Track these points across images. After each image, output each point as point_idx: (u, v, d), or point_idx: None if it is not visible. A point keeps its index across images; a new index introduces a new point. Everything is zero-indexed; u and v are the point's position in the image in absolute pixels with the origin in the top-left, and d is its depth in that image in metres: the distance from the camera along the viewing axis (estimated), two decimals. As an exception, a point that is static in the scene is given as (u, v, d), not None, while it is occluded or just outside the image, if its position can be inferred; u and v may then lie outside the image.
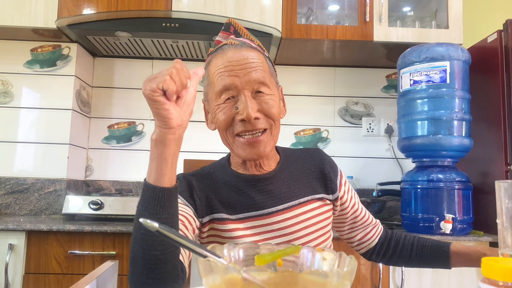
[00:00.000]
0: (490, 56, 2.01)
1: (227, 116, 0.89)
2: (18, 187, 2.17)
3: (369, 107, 2.53)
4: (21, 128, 2.22)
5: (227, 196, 0.94)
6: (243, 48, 0.91)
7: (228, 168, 0.98)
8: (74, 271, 1.73)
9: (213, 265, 0.46)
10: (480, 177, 2.04)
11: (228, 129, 0.90)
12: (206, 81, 0.96)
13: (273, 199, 0.94)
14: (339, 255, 0.52)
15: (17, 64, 2.25)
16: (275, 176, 0.96)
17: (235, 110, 0.88)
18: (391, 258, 1.13)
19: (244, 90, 0.88)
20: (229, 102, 0.89)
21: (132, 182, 2.41)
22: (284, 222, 0.93)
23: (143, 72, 2.50)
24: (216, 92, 0.90)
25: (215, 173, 0.98)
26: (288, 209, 0.94)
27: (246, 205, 0.93)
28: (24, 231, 1.71)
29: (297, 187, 0.97)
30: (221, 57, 0.91)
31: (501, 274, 0.48)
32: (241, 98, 0.88)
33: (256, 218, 0.92)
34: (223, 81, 0.88)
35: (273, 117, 0.90)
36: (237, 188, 0.95)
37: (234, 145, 0.91)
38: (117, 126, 2.46)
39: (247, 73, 0.88)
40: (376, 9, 2.15)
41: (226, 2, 2.05)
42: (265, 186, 0.95)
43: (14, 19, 2.06)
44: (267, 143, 0.90)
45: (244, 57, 0.89)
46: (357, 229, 1.12)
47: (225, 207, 0.93)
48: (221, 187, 0.95)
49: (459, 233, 1.82)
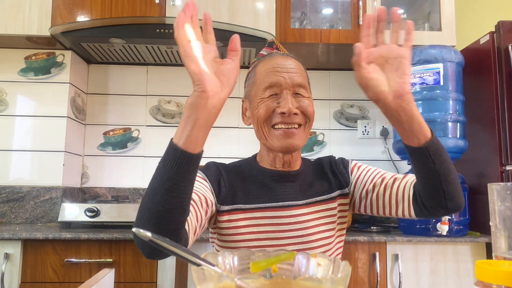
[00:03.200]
0: (483, 58, 2.02)
1: (269, 108, 0.99)
2: (13, 196, 2.16)
3: (364, 109, 2.54)
4: (16, 136, 2.21)
5: (251, 188, 1.03)
6: (289, 57, 1.06)
7: (255, 164, 1.08)
8: (71, 279, 1.72)
9: (207, 274, 0.46)
10: (476, 178, 2.04)
11: (267, 120, 0.99)
12: (250, 81, 1.06)
13: (294, 194, 1.02)
14: (333, 261, 0.52)
15: (11, 72, 2.25)
16: (299, 174, 1.06)
17: (276, 104, 0.99)
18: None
19: (287, 90, 0.99)
20: (272, 98, 0.99)
21: (128, 188, 2.40)
22: (300, 216, 1.00)
23: (137, 78, 2.50)
24: (262, 88, 1.00)
25: (242, 167, 1.08)
26: (306, 205, 1.02)
27: (267, 196, 1.01)
28: (20, 240, 1.71)
29: (314, 188, 1.05)
30: (269, 60, 1.04)
31: (495, 277, 0.49)
32: (283, 95, 0.99)
33: (275, 209, 1.00)
34: (270, 78, 1.00)
35: (309, 116, 1.01)
36: (261, 182, 1.04)
37: (270, 136, 1.00)
38: (113, 132, 2.46)
39: (291, 76, 1.00)
40: (369, 12, 2.16)
41: (220, 7, 2.06)
42: (288, 182, 1.04)
43: (7, 27, 2.06)
44: (300, 137, 1.00)
45: (289, 63, 1.03)
46: (386, 192, 1.00)
47: (247, 197, 1.01)
48: (247, 180, 1.04)
49: (455, 235, 1.83)
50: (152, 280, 1.74)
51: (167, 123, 2.48)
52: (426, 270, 1.81)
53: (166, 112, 2.48)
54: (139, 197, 2.39)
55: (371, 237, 1.79)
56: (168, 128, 2.47)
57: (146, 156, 2.45)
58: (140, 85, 2.50)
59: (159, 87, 2.50)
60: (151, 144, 2.46)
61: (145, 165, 2.44)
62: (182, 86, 2.50)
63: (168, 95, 2.49)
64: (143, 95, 2.49)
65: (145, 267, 1.74)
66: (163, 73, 2.51)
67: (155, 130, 2.47)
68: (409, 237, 1.81)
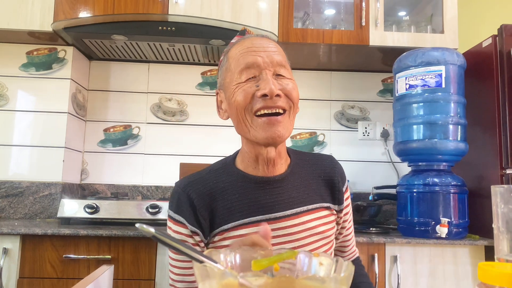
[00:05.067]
0: (485, 61, 2.02)
1: (247, 93, 0.86)
2: (12, 191, 2.16)
3: (365, 111, 2.54)
4: (16, 131, 2.21)
5: (232, 200, 0.90)
6: (265, 37, 0.93)
7: (234, 168, 0.95)
8: (69, 275, 1.72)
9: (210, 271, 0.46)
10: (476, 181, 2.04)
11: (246, 107, 0.86)
12: (223, 68, 0.94)
13: (281, 204, 0.91)
14: (336, 260, 0.52)
15: (12, 67, 2.24)
16: (285, 179, 0.93)
17: (255, 88, 0.86)
18: None
19: (266, 70, 0.87)
20: (250, 81, 0.87)
21: (128, 185, 2.40)
22: (290, 228, 0.90)
23: (139, 75, 2.50)
24: (238, 71, 0.88)
25: (218, 172, 0.94)
26: (296, 215, 0.91)
27: (252, 209, 0.90)
28: (19, 235, 1.70)
29: (306, 193, 0.95)
30: (243, 42, 0.91)
31: (497, 279, 0.48)
32: (263, 76, 0.86)
33: (262, 222, 0.87)
34: (245, 59, 0.87)
35: (293, 99, 0.89)
36: (243, 190, 0.91)
37: (253, 126, 0.87)
38: (113, 129, 2.46)
39: (269, 54, 0.88)
40: (372, 14, 2.16)
41: (223, 6, 2.05)
42: (274, 189, 0.92)
43: (10, 22, 2.06)
44: (285, 126, 0.87)
45: (266, 42, 0.91)
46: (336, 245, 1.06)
47: (229, 214, 0.90)
48: (226, 190, 0.91)
49: (454, 237, 1.83)
50: (151, 277, 1.74)
51: (168, 121, 2.48)
52: (424, 272, 1.81)
53: (167, 109, 2.48)
54: (139, 194, 2.39)
55: (370, 238, 1.79)
56: (168, 125, 2.47)
57: (146, 153, 2.45)
58: (141, 82, 2.50)
59: (160, 85, 2.50)
60: (151, 142, 2.46)
61: (145, 162, 2.44)
62: (183, 84, 2.49)
63: (169, 92, 2.49)
64: (144, 92, 2.49)
65: (144, 264, 1.74)
66: (165, 71, 2.50)
67: (155, 128, 2.47)
68: (408, 239, 1.80)
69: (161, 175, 2.43)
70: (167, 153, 2.45)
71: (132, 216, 1.91)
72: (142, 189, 2.40)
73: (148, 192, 2.40)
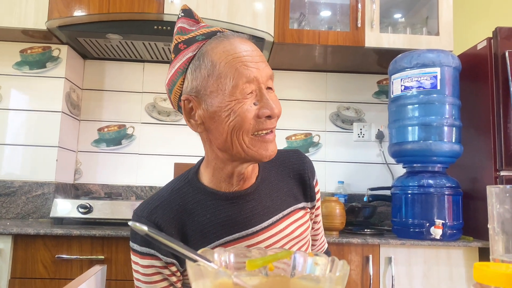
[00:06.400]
0: (480, 63, 2.03)
1: (251, 113, 0.77)
2: (5, 190, 2.14)
3: (360, 112, 2.54)
4: (9, 130, 2.19)
5: (203, 222, 0.82)
6: (245, 39, 0.82)
7: (200, 184, 0.86)
8: (61, 275, 1.70)
9: (203, 270, 0.45)
10: (470, 183, 2.05)
11: (247, 127, 0.77)
12: (202, 71, 0.79)
13: (256, 216, 0.85)
14: (331, 260, 0.51)
15: (6, 65, 2.22)
16: (257, 189, 0.87)
17: (255, 106, 0.78)
18: None
19: (262, 85, 0.79)
20: (248, 97, 0.77)
21: (122, 185, 2.38)
22: (270, 239, 0.85)
23: (134, 75, 2.48)
24: (233, 85, 0.76)
25: (182, 192, 0.86)
26: (273, 225, 0.86)
27: (227, 227, 0.83)
28: (11, 235, 1.68)
29: (280, 197, 0.90)
30: (229, 44, 0.79)
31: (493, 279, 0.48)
32: (263, 93, 0.78)
33: (239, 240, 0.83)
34: (246, 72, 0.76)
35: (279, 116, 0.82)
36: (214, 209, 0.83)
37: (251, 146, 0.78)
38: (107, 129, 2.44)
39: (264, 66, 0.80)
40: (368, 15, 2.17)
41: (219, 6, 2.05)
42: (247, 203, 0.85)
43: (3, 20, 2.04)
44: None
45: (254, 48, 0.81)
46: None
47: (203, 238, 0.82)
48: (194, 212, 0.83)
49: (449, 239, 1.83)
50: (144, 278, 1.72)
51: (163, 121, 2.46)
52: (419, 274, 1.82)
53: (161, 109, 2.47)
54: (132, 194, 2.38)
55: (365, 240, 1.79)
56: (163, 126, 2.46)
57: (140, 153, 2.43)
58: (136, 82, 2.48)
59: (155, 85, 2.49)
60: (145, 142, 2.45)
61: (139, 162, 2.42)
62: (178, 84, 2.48)
63: (164, 92, 2.47)
64: (139, 92, 2.48)
65: (137, 265, 1.72)
66: (160, 71, 2.49)
67: (150, 128, 2.46)
68: (403, 240, 1.81)
69: (155, 175, 2.41)
70: (162, 153, 2.44)
71: (126, 216, 1.90)
72: (136, 189, 2.39)
73: (142, 192, 2.39)
